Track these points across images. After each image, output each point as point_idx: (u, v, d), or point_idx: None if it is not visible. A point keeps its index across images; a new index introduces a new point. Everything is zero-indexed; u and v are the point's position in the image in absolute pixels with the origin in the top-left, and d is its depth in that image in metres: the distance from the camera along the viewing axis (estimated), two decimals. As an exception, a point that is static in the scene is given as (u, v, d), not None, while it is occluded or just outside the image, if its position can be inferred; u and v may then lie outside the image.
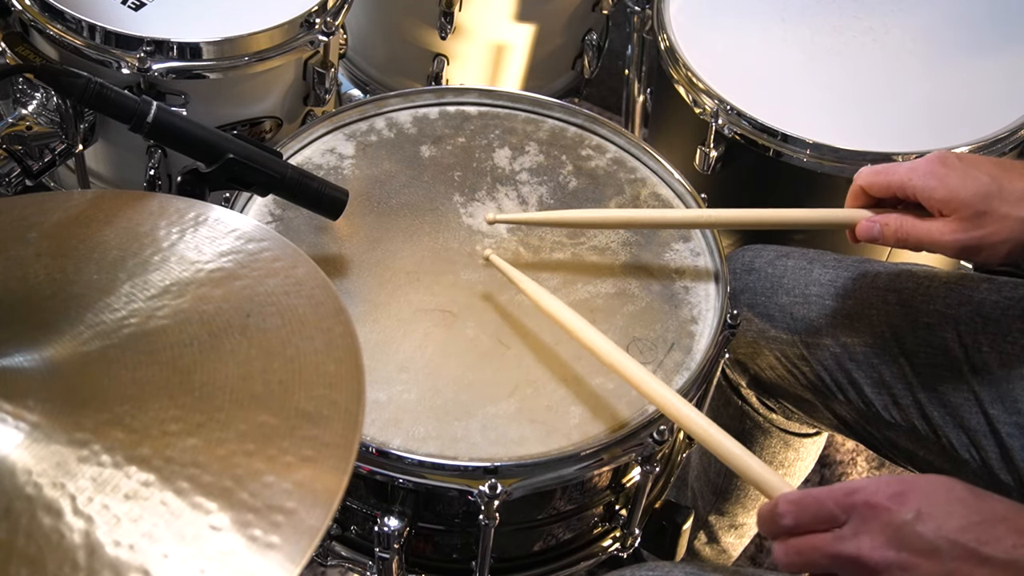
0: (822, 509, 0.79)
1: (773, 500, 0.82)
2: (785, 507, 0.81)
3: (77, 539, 0.69)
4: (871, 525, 0.77)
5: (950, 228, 0.97)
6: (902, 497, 0.77)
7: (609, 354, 0.98)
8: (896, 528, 0.76)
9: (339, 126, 1.25)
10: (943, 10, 1.50)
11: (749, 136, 1.34)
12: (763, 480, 0.87)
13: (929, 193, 0.98)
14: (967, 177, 0.97)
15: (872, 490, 0.78)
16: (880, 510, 0.77)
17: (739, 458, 0.88)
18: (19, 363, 0.77)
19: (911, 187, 0.99)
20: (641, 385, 0.96)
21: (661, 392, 0.95)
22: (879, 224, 1.02)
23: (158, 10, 1.31)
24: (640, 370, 0.96)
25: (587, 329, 1.00)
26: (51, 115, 1.30)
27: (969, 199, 0.96)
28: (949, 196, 0.97)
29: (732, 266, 1.25)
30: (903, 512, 0.76)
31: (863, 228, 1.03)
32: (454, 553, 1.07)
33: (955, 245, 0.97)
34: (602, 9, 1.68)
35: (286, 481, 0.72)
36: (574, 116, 1.28)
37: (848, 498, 0.78)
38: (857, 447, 1.85)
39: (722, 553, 1.59)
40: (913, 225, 1.00)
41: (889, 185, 1.01)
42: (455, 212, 1.17)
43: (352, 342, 0.82)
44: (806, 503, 0.80)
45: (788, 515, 0.80)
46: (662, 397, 0.94)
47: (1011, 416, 1.06)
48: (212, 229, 0.91)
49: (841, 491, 0.79)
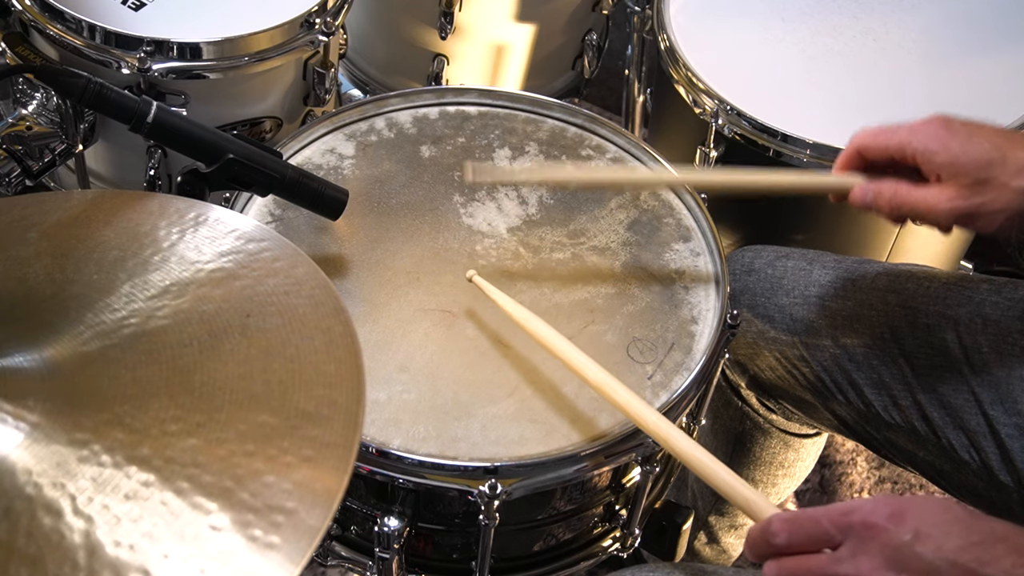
0: (817, 528, 0.77)
1: (765, 519, 0.80)
2: (779, 525, 0.78)
3: (77, 539, 0.69)
4: (869, 546, 0.75)
5: (947, 195, 0.94)
6: (900, 517, 0.75)
7: (595, 375, 0.96)
8: (895, 549, 0.74)
9: (339, 126, 1.25)
10: (943, 10, 1.50)
11: (749, 136, 1.34)
12: (751, 502, 0.84)
13: (930, 157, 0.95)
14: (970, 143, 0.94)
15: (869, 510, 0.76)
16: (878, 531, 0.75)
17: (726, 482, 0.86)
18: (19, 363, 0.77)
19: (911, 149, 0.97)
20: (627, 408, 0.94)
21: (646, 414, 0.92)
22: (872, 191, 0.99)
23: (158, 10, 1.31)
24: (626, 393, 0.94)
25: (571, 350, 0.98)
26: (51, 115, 1.30)
27: (970, 166, 0.93)
28: (950, 160, 0.94)
29: (732, 267, 1.25)
30: (901, 533, 0.74)
31: (856, 194, 1.00)
32: (454, 553, 1.07)
33: (952, 212, 0.94)
34: (602, 9, 1.68)
35: (286, 481, 0.72)
36: (574, 116, 1.28)
37: (844, 518, 0.77)
38: (857, 447, 1.85)
39: (722, 553, 1.59)
40: (908, 191, 0.97)
41: (888, 147, 0.99)
42: (455, 212, 1.17)
43: (352, 342, 0.82)
44: (801, 522, 0.78)
45: (782, 533, 0.78)
46: (649, 420, 0.92)
47: (1011, 417, 1.06)
48: (212, 229, 0.91)
49: (837, 511, 0.77)
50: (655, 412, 0.93)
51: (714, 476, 0.87)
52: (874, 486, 1.83)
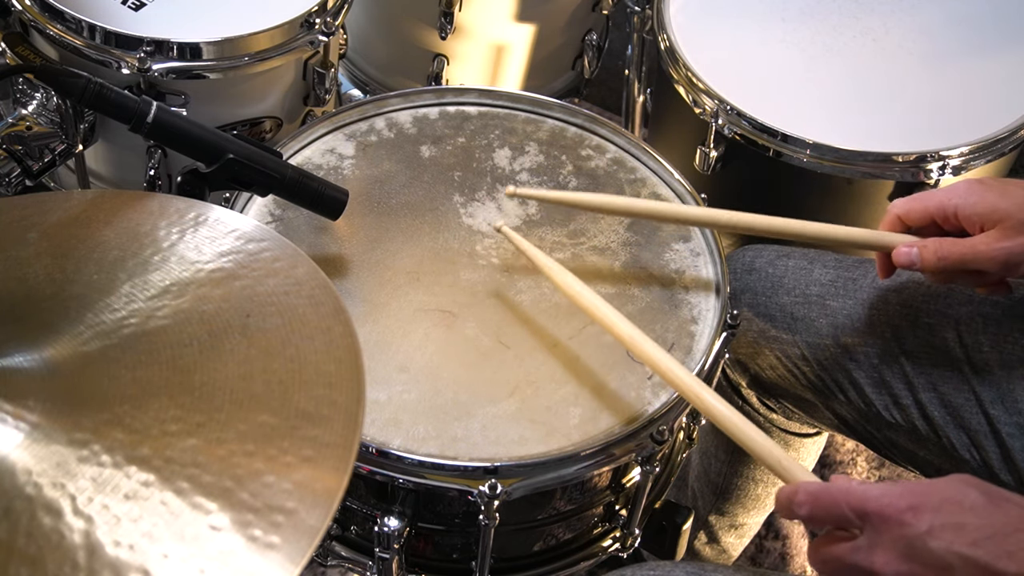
0: (836, 509, 0.80)
1: (794, 485, 0.84)
2: (803, 497, 0.82)
3: (77, 539, 0.69)
4: (884, 538, 0.77)
5: (994, 238, 0.96)
6: (915, 511, 0.77)
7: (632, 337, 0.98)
8: (908, 543, 0.76)
9: (339, 126, 1.25)
10: (943, 10, 1.50)
11: (749, 136, 1.34)
12: (782, 466, 0.88)
13: (971, 209, 0.97)
14: (1005, 193, 0.97)
15: (886, 502, 0.78)
16: (892, 524, 0.77)
17: (760, 445, 0.90)
18: (19, 363, 0.77)
19: (951, 206, 0.98)
20: (659, 366, 0.97)
21: (681, 376, 0.95)
22: (917, 248, 1.00)
23: (158, 10, 1.31)
24: (659, 352, 0.97)
25: (605, 307, 1.00)
26: (51, 115, 1.30)
27: (1012, 208, 0.96)
28: (991, 208, 0.96)
29: (732, 266, 1.25)
30: (916, 526, 0.76)
31: (900, 255, 1.01)
32: (454, 553, 1.07)
33: (1002, 253, 0.96)
34: (602, 9, 1.68)
35: (286, 481, 0.72)
36: (574, 116, 1.28)
37: (863, 506, 0.79)
38: (857, 447, 1.85)
39: (722, 553, 1.59)
40: (954, 243, 0.99)
41: (927, 209, 1.00)
42: (455, 212, 1.17)
43: (352, 342, 0.82)
44: (823, 499, 0.81)
45: (804, 505, 0.82)
46: (682, 381, 0.95)
47: (1012, 416, 1.06)
48: (212, 229, 0.91)
49: (857, 497, 0.79)
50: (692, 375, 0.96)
51: (743, 435, 0.91)
52: (874, 486, 1.83)
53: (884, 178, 1.31)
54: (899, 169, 1.30)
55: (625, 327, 0.99)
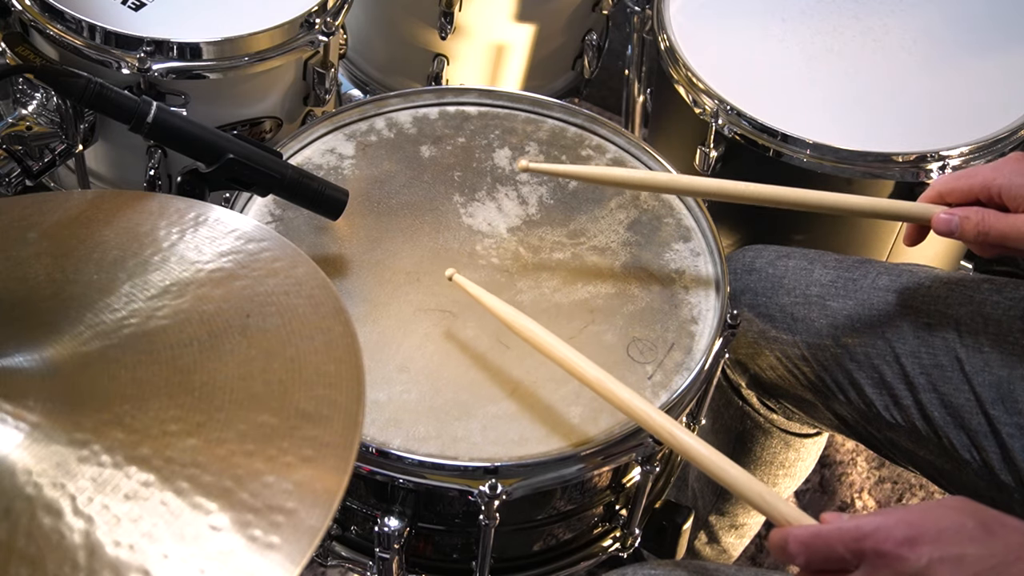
0: (832, 552, 0.78)
1: (783, 535, 0.81)
2: (796, 547, 0.79)
3: (77, 539, 0.69)
4: (882, 574, 0.76)
5: None
6: (912, 544, 0.75)
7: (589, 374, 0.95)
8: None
9: (339, 126, 1.25)
10: (943, 10, 1.50)
11: (749, 136, 1.34)
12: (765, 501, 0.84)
13: (1017, 190, 0.95)
14: None
15: (882, 537, 0.76)
16: (890, 559, 0.75)
17: (741, 482, 0.86)
18: (19, 363, 0.77)
19: (996, 185, 0.97)
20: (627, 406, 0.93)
21: (646, 411, 0.92)
22: (958, 217, 0.98)
23: (158, 10, 1.31)
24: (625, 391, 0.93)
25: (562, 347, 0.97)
26: (51, 115, 1.30)
27: None
28: None
29: (732, 266, 1.25)
30: (915, 561, 0.74)
31: (940, 221, 0.99)
32: (454, 553, 1.07)
33: None
34: (602, 9, 1.68)
35: (286, 481, 0.72)
36: (574, 116, 1.28)
37: (858, 544, 0.77)
38: (857, 447, 1.85)
39: (722, 553, 1.59)
40: (997, 218, 0.97)
41: (971, 188, 0.99)
42: (455, 212, 1.17)
43: (352, 342, 0.82)
44: (816, 546, 0.79)
45: (800, 555, 0.79)
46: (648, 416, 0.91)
47: (1012, 417, 1.06)
48: (212, 229, 0.91)
49: (851, 535, 0.77)
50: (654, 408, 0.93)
51: (724, 474, 0.86)
52: (874, 486, 1.83)
53: (884, 178, 1.31)
54: (899, 169, 1.30)
55: (592, 371, 0.95)
